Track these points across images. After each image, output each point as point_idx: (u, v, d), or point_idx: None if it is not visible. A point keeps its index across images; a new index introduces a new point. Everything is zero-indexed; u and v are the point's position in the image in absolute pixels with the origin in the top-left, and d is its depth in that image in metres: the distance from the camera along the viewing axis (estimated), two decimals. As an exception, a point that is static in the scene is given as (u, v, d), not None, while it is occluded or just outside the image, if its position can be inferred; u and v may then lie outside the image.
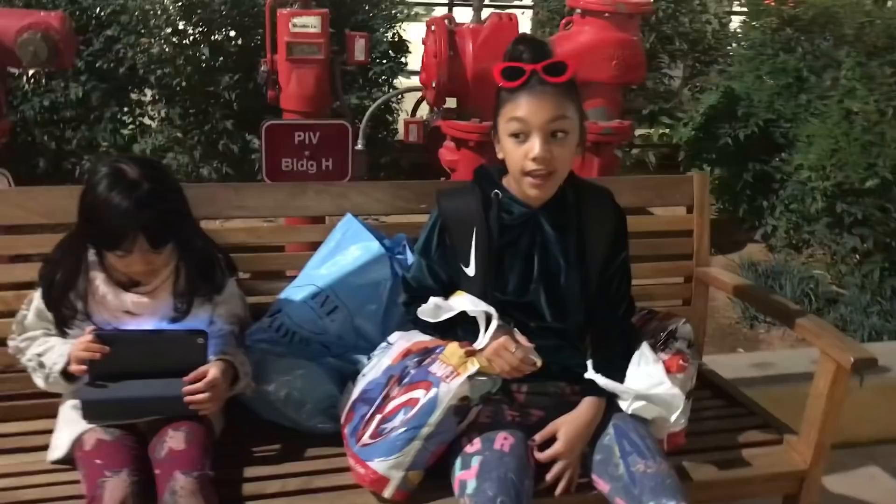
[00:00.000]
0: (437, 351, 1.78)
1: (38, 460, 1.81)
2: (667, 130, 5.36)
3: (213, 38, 4.32)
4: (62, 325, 1.77)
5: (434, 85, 3.56)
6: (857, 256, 3.94)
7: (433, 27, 3.54)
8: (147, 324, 1.79)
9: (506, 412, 1.82)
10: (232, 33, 4.37)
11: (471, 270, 1.81)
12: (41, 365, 1.75)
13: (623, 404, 1.81)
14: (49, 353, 1.75)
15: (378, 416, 1.74)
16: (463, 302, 1.75)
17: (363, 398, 1.83)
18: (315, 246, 2.12)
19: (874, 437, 2.87)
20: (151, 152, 4.30)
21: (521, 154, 1.68)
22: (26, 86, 4.24)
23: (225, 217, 2.10)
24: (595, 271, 1.82)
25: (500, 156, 1.77)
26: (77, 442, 1.72)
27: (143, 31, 4.11)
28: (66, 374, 1.72)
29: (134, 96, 4.57)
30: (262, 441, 1.91)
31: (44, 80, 4.07)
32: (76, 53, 3.74)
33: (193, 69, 4.13)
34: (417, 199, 2.14)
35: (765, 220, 4.36)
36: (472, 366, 1.70)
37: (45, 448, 1.80)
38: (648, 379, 1.81)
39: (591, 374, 1.80)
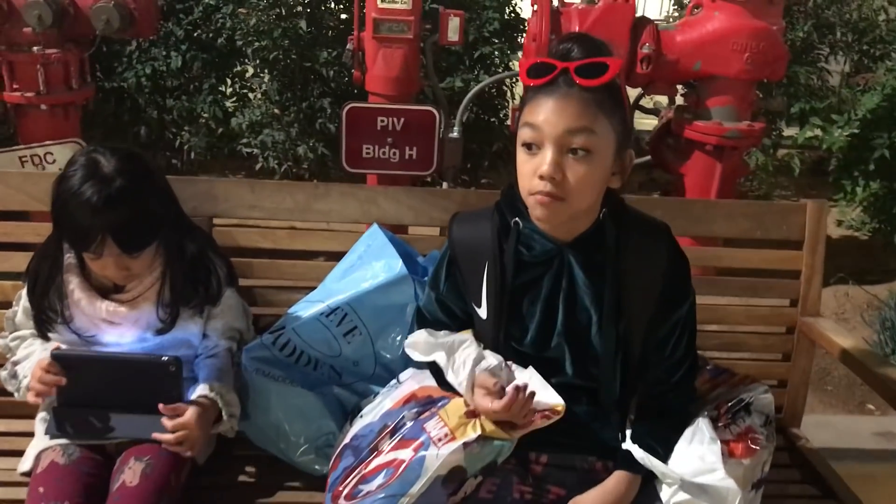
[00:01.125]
0: (440, 404, 1.48)
1: (12, 468, 1.66)
2: (817, 133, 4.72)
3: (313, 10, 4.12)
4: (41, 327, 1.62)
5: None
6: None
7: (535, 6, 3.17)
8: (128, 335, 1.61)
9: (515, 487, 1.48)
10: (333, 5, 4.16)
11: (483, 312, 1.49)
12: (14, 375, 1.62)
13: (664, 494, 1.43)
14: (25, 362, 1.61)
15: (359, 473, 1.46)
16: (464, 345, 1.44)
17: (353, 444, 1.56)
18: (338, 256, 1.86)
19: None
20: (248, 127, 4.19)
21: (530, 169, 1.34)
22: (133, 53, 4.23)
23: (237, 217, 1.86)
24: (639, 329, 1.45)
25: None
26: (36, 459, 1.57)
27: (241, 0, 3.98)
28: None
29: (237, 69, 4.48)
30: (247, 472, 1.72)
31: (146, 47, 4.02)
32: (160, 22, 3.66)
33: (291, 42, 3.95)
34: (458, 210, 1.81)
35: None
36: (473, 431, 1.38)
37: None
38: (699, 462, 1.42)
39: (628, 444, 1.44)
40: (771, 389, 1.62)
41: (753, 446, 1.48)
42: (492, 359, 1.44)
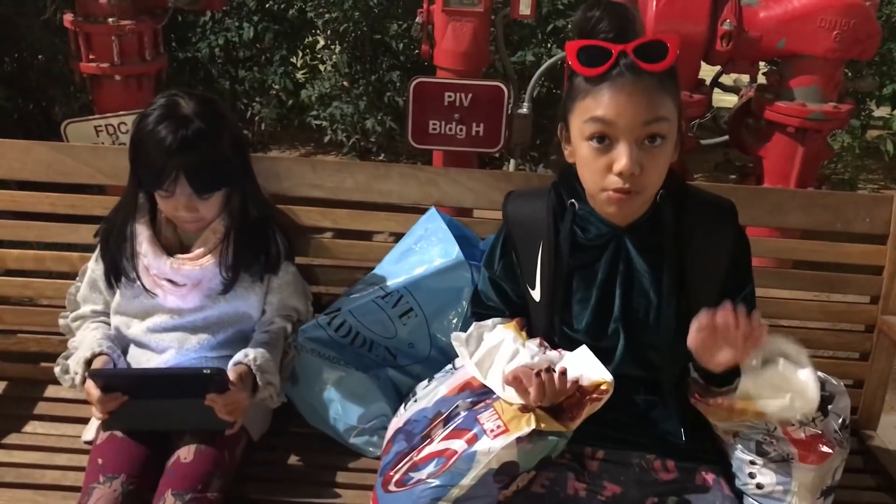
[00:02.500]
0: (495, 395, 1.44)
1: (77, 434, 1.73)
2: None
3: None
4: (112, 276, 1.65)
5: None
6: None
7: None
8: (190, 298, 1.62)
9: (570, 482, 1.44)
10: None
11: (536, 294, 1.46)
12: (66, 371, 1.64)
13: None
14: (74, 355, 1.63)
15: (410, 460, 1.45)
16: (506, 342, 1.40)
17: (406, 429, 1.55)
18: (397, 237, 1.84)
19: None
20: (317, 99, 4.19)
21: (602, 165, 1.29)
22: (207, 24, 4.27)
23: (298, 196, 1.85)
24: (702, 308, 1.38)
25: (569, 159, 1.39)
26: (98, 429, 1.60)
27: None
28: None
29: (310, 40, 4.48)
30: (301, 451, 1.73)
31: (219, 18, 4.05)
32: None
33: (361, 14, 3.92)
34: (519, 193, 1.77)
35: None
36: (527, 426, 1.34)
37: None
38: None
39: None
40: (846, 389, 1.54)
41: (826, 450, 1.40)
42: (525, 354, 1.40)
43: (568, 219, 1.41)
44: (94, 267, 1.70)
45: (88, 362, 1.56)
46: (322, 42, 4.44)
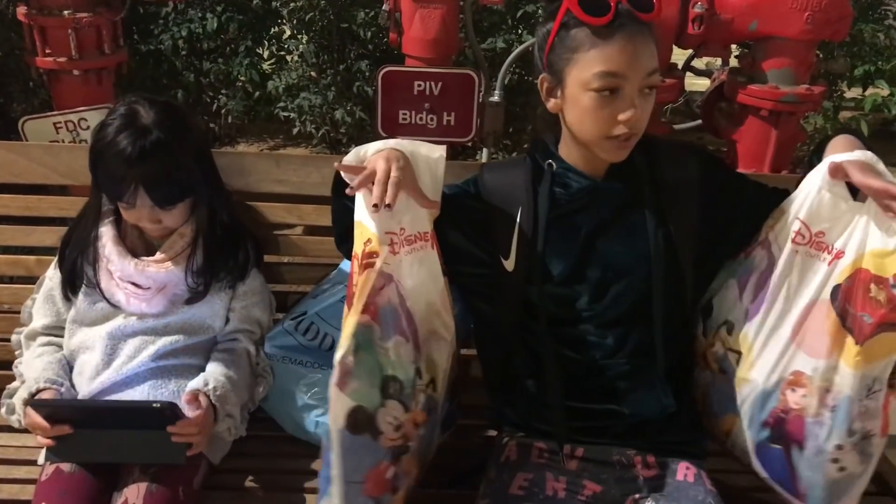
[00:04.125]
0: None
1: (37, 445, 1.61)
2: (884, 95, 4.45)
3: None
4: (68, 287, 1.59)
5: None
6: None
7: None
8: (154, 304, 1.56)
9: (548, 483, 1.40)
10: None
11: (510, 263, 1.43)
12: (12, 411, 1.56)
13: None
14: (18, 392, 1.53)
15: None
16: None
17: None
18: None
19: None
20: (285, 91, 4.11)
21: (608, 114, 1.31)
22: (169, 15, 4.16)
23: (262, 192, 1.79)
24: (688, 237, 1.42)
25: (553, 110, 1.40)
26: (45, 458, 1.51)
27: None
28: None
29: (276, 30, 4.39)
30: (278, 456, 1.67)
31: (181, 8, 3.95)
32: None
33: (327, 3, 3.84)
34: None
35: None
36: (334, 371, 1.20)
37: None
38: None
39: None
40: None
41: None
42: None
43: (547, 178, 1.42)
44: (51, 275, 1.63)
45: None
46: (288, 32, 4.35)
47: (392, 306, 1.28)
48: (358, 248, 1.27)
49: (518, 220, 1.42)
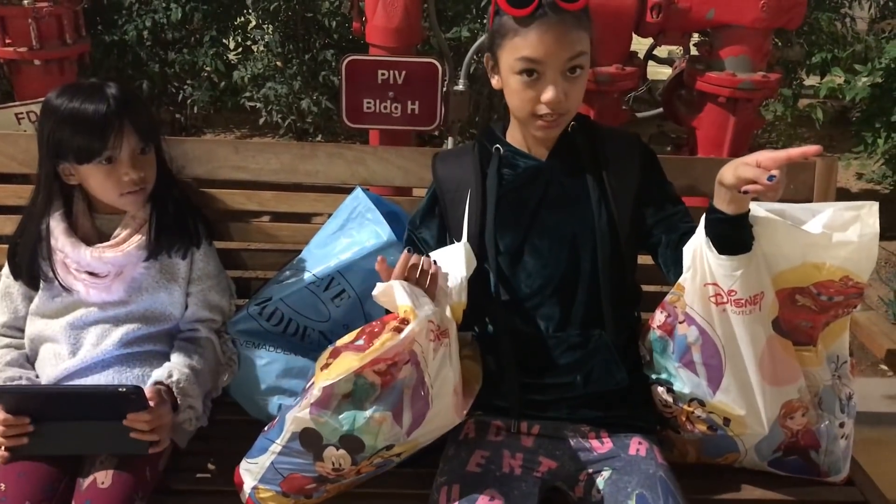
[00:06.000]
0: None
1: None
2: (839, 83, 4.54)
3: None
4: (31, 287, 1.60)
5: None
6: None
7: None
8: (114, 290, 1.57)
9: (505, 459, 1.45)
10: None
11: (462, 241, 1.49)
12: None
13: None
14: None
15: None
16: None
17: None
18: (326, 218, 1.80)
19: None
20: (251, 80, 4.10)
21: (531, 96, 1.41)
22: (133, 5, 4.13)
23: (221, 179, 1.81)
24: (626, 214, 1.51)
25: (496, 87, 1.49)
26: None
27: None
28: None
29: (241, 20, 4.38)
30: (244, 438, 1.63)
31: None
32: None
33: (291, -8, 3.84)
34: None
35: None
36: (316, 389, 1.29)
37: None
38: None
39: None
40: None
41: None
42: None
43: (494, 161, 1.52)
44: (6, 273, 1.63)
45: None
46: (253, 21, 4.34)
47: (402, 386, 1.31)
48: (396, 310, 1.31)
49: (468, 201, 1.50)
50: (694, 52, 3.50)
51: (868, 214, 1.29)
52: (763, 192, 1.21)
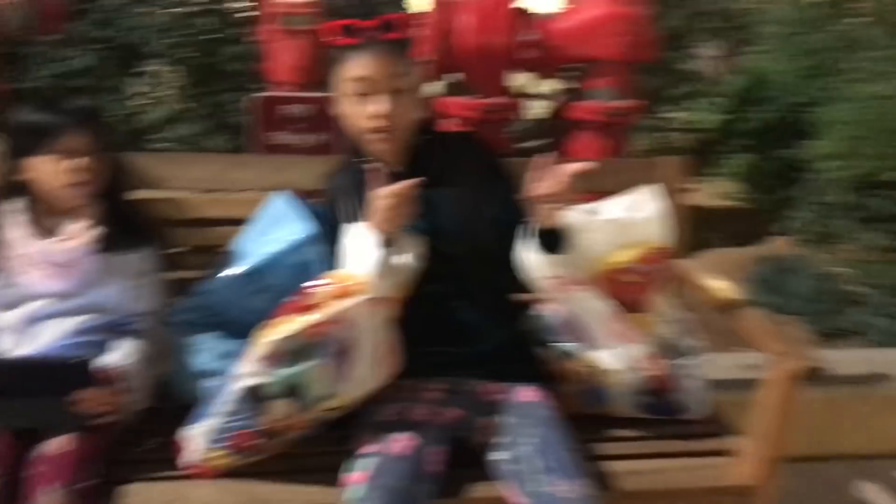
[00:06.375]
0: None
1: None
2: (692, 115, 5.08)
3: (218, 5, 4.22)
4: None
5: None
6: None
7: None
8: (68, 278, 1.70)
9: (415, 410, 1.68)
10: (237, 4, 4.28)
11: None
12: None
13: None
14: None
15: None
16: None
17: None
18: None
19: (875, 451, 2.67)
20: (156, 125, 4.23)
21: (361, 112, 1.68)
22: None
23: (154, 189, 2.00)
24: (475, 201, 1.78)
25: (339, 115, 1.75)
26: None
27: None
28: None
29: (145, 68, 4.51)
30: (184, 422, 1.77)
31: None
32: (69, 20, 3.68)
33: (195, 39, 4.03)
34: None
35: (787, 212, 4.09)
36: (260, 347, 1.53)
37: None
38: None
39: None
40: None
41: None
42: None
43: (359, 172, 1.75)
44: None
45: None
46: (156, 67, 4.48)
47: (338, 342, 1.54)
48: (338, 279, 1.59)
49: (346, 209, 1.76)
50: (569, 84, 3.90)
51: (657, 194, 1.74)
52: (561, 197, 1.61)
